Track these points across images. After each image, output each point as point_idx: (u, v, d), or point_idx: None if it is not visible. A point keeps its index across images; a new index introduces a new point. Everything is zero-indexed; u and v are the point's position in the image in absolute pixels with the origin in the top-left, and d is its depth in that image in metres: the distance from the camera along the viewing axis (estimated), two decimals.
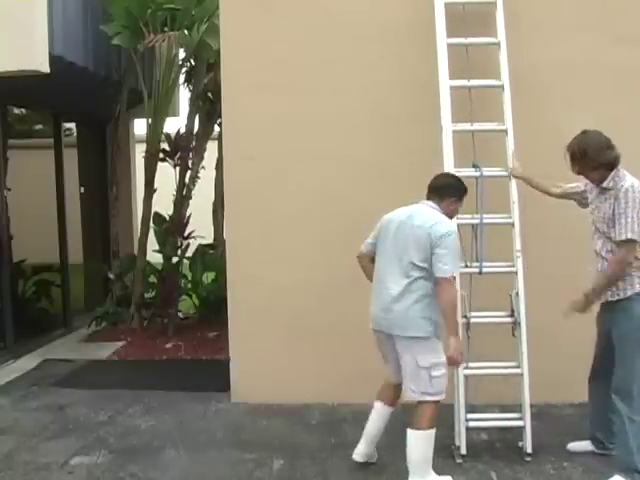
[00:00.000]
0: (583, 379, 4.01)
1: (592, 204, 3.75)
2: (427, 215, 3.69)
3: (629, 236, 3.43)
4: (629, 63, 4.72)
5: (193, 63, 7.85)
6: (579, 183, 3.88)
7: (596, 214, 3.69)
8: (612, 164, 3.52)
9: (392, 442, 4.33)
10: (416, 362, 3.63)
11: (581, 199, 3.89)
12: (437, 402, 3.69)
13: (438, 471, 3.86)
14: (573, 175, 3.77)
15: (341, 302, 4.99)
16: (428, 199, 3.81)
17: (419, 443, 3.65)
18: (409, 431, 3.68)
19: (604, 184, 3.57)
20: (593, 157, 3.52)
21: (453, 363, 3.68)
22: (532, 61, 4.70)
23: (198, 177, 7.75)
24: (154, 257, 7.69)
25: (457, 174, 4.10)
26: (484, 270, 4.20)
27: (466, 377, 4.12)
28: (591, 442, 4.01)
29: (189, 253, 7.73)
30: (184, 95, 8.64)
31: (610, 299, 3.59)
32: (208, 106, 7.79)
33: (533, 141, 4.58)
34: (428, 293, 3.62)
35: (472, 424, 4.13)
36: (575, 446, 4.07)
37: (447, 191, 3.80)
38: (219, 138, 6.61)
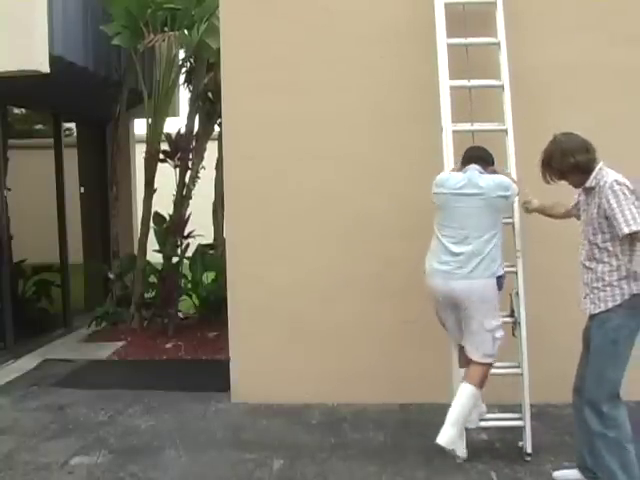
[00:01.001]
0: None
1: (582, 212, 3.61)
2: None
3: (633, 228, 3.23)
4: (629, 63, 4.72)
5: (193, 63, 7.85)
6: (575, 196, 3.76)
7: (583, 218, 3.57)
8: (582, 167, 3.42)
9: (392, 442, 4.34)
10: (483, 325, 3.82)
11: (577, 212, 3.74)
12: (492, 364, 3.92)
13: (438, 471, 3.87)
14: None
15: (341, 302, 5.00)
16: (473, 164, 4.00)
17: (466, 397, 3.81)
18: (464, 384, 3.85)
19: (587, 184, 3.46)
20: (558, 163, 3.46)
21: None
22: (532, 61, 4.70)
23: (198, 177, 7.75)
24: (154, 257, 7.69)
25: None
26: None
27: None
28: (579, 471, 3.66)
29: (189, 253, 7.73)
30: (184, 95, 8.65)
31: (592, 312, 3.45)
32: (208, 106, 7.79)
33: (533, 141, 4.55)
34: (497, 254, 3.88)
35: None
36: (560, 475, 3.74)
37: (489, 159, 4.07)
38: (219, 138, 6.60)
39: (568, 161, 3.42)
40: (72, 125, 8.24)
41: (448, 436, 3.73)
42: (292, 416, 4.80)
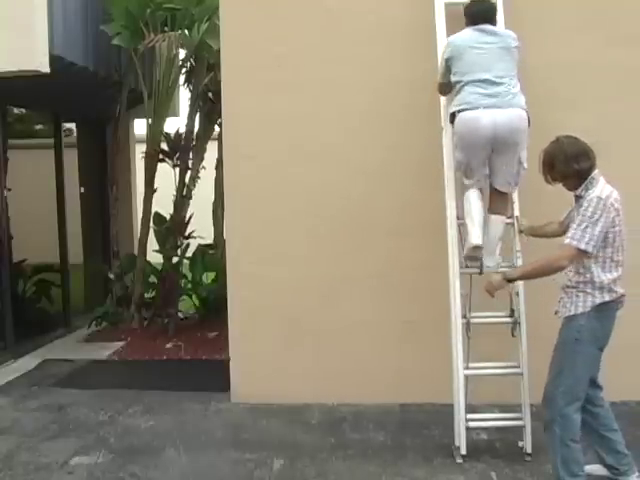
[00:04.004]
0: None
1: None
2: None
3: (573, 244, 3.32)
4: (629, 63, 4.72)
5: (193, 63, 7.85)
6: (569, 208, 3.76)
7: (568, 225, 3.57)
8: (583, 173, 3.43)
9: (392, 442, 4.34)
10: (520, 158, 4.06)
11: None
12: None
13: (438, 471, 3.87)
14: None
15: (341, 301, 5.00)
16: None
17: (501, 226, 4.17)
18: (493, 217, 4.16)
19: (577, 192, 3.48)
20: (561, 168, 3.46)
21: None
22: (532, 61, 4.68)
23: (198, 177, 7.75)
24: (154, 257, 7.69)
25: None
26: (484, 270, 4.19)
27: (466, 377, 4.12)
28: (603, 466, 3.72)
29: (189, 253, 7.73)
30: (184, 95, 8.63)
31: (563, 315, 3.52)
32: (208, 106, 7.79)
33: (533, 141, 4.56)
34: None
35: (472, 424, 4.13)
36: (589, 469, 3.68)
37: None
38: (219, 138, 6.60)
39: (572, 167, 3.42)
40: (72, 125, 8.24)
41: (494, 261, 4.15)
42: (292, 416, 4.80)
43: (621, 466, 3.64)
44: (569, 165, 3.42)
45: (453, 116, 4.11)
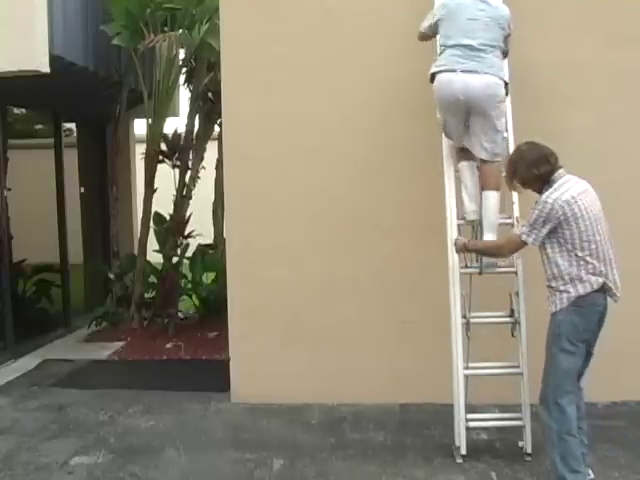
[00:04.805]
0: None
1: None
2: None
3: (522, 237, 3.57)
4: (629, 63, 4.72)
5: (193, 63, 7.85)
6: None
7: None
8: (543, 177, 3.57)
9: (392, 442, 4.34)
10: (495, 125, 4.14)
11: None
12: (500, 164, 4.15)
13: (438, 471, 3.87)
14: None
15: (341, 302, 5.00)
16: None
17: (494, 202, 4.18)
18: (485, 192, 4.18)
19: (542, 194, 3.61)
20: (522, 174, 3.64)
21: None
22: (532, 61, 4.69)
23: (198, 177, 7.76)
24: (154, 257, 7.69)
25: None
26: (484, 270, 4.19)
27: (466, 377, 4.11)
28: None
29: (189, 253, 7.73)
30: (184, 95, 8.64)
31: (550, 312, 3.63)
32: (208, 106, 7.79)
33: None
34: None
35: (472, 424, 4.12)
36: None
37: None
38: (219, 138, 6.60)
39: (532, 172, 3.59)
40: (72, 125, 8.24)
41: (494, 237, 4.14)
42: (292, 416, 4.80)
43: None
44: (529, 171, 3.59)
45: (433, 77, 4.23)
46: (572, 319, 3.50)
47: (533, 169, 3.57)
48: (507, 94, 4.22)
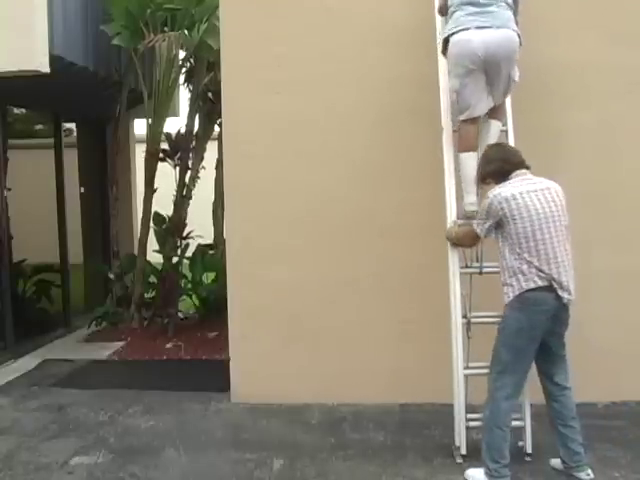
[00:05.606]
0: (582, 378, 4.00)
1: None
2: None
3: (477, 230, 3.80)
4: (629, 63, 4.72)
5: (193, 63, 7.85)
6: None
7: None
8: (495, 176, 3.79)
9: (392, 442, 4.34)
10: (513, 78, 4.20)
11: None
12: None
13: (438, 471, 3.87)
14: (574, 176, 3.78)
15: (341, 302, 5.00)
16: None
17: (498, 129, 4.31)
18: (491, 120, 4.31)
19: None
20: (479, 171, 3.94)
21: None
22: (532, 61, 4.68)
23: (198, 177, 7.76)
24: (154, 257, 7.69)
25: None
26: (484, 270, 4.19)
27: (466, 377, 4.11)
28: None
29: (189, 253, 7.73)
30: (184, 95, 8.64)
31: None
32: (208, 106, 7.79)
33: (533, 141, 4.58)
34: None
35: (472, 424, 4.12)
36: (554, 463, 3.92)
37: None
38: (219, 138, 6.60)
39: (485, 170, 3.88)
40: (72, 125, 8.24)
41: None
42: (292, 416, 4.80)
43: (572, 462, 3.77)
44: (484, 169, 3.89)
45: (446, 42, 4.21)
46: (516, 315, 3.61)
47: (486, 167, 3.85)
48: (520, 44, 4.17)
